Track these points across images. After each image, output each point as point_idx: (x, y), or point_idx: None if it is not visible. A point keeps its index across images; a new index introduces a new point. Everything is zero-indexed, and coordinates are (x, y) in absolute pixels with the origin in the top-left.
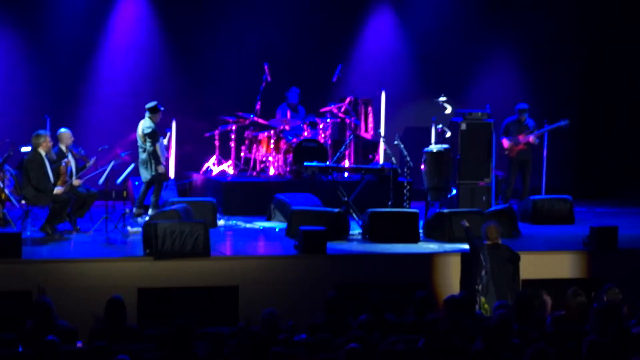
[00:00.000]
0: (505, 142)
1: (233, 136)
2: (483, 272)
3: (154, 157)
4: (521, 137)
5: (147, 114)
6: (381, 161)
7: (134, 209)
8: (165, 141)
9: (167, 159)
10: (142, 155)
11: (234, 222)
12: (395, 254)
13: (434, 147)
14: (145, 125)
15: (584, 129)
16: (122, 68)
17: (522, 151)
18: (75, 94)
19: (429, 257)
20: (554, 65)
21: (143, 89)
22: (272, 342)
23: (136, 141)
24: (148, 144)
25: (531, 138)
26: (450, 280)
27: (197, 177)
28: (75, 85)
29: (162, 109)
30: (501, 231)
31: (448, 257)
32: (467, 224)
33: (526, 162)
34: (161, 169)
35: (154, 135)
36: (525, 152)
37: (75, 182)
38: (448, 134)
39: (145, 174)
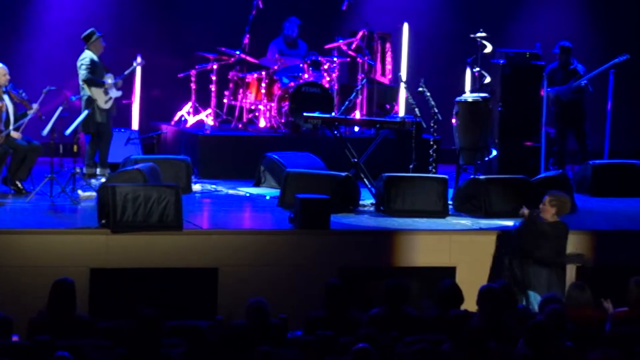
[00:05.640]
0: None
1: (214, 78)
2: None
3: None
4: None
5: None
6: (401, 113)
7: (84, 168)
8: (109, 80)
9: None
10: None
11: (213, 187)
12: (416, 230)
13: (468, 96)
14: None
15: None
16: None
17: (570, 102)
18: (14, 20)
19: (459, 235)
20: None
21: (100, 16)
22: (259, 339)
23: None
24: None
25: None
26: (485, 265)
27: (167, 129)
28: (14, 9)
29: (100, 34)
30: None
31: (483, 236)
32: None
33: (576, 116)
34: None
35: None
36: (574, 104)
37: (14, 133)
38: (487, 80)
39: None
